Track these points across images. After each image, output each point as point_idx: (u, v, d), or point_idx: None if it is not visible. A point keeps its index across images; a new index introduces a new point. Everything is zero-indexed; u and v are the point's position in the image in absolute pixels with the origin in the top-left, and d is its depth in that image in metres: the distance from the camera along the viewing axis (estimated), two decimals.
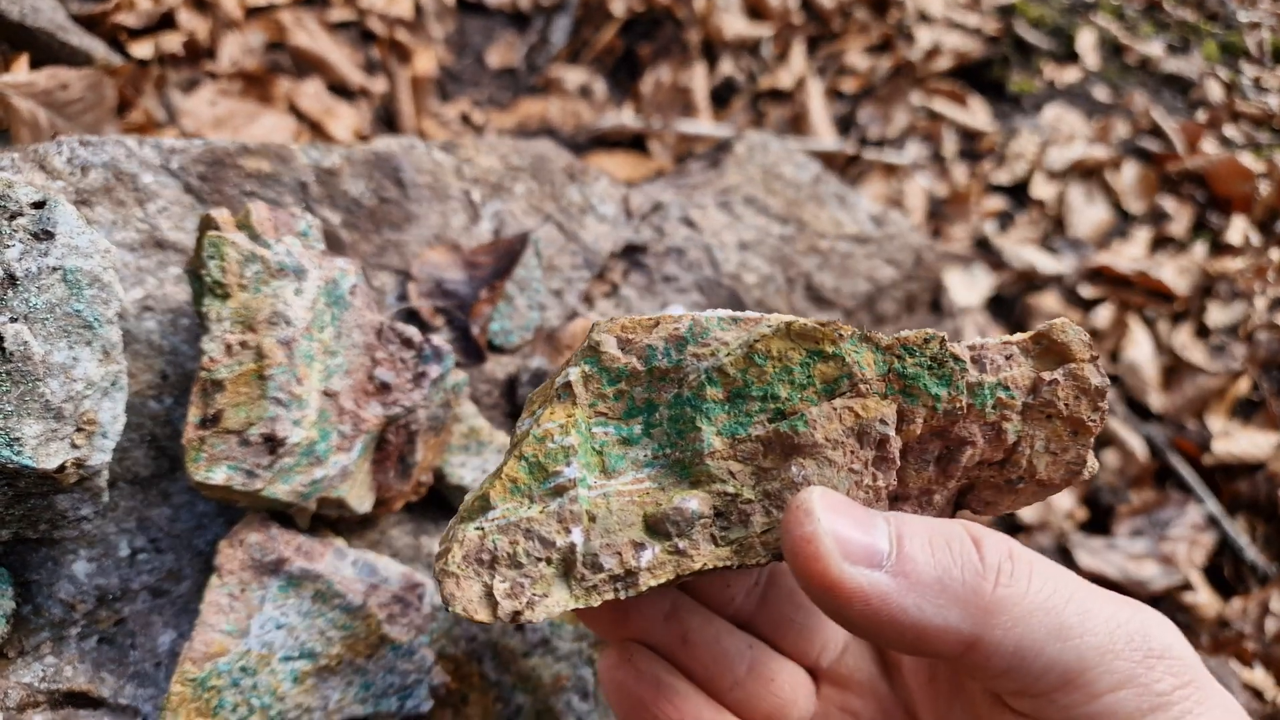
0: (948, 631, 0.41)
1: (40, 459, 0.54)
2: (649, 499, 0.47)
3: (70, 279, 0.57)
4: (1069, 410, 0.48)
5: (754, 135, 1.21)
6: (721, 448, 0.46)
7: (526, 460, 0.47)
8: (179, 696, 0.60)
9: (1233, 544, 1.27)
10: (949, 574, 0.41)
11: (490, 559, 0.45)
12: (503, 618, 0.44)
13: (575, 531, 0.45)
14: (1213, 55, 2.12)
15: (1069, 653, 0.40)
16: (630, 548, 0.46)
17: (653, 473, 0.48)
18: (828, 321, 0.45)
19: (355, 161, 0.84)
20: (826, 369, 0.45)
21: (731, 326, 0.46)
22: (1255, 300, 1.58)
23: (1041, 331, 0.47)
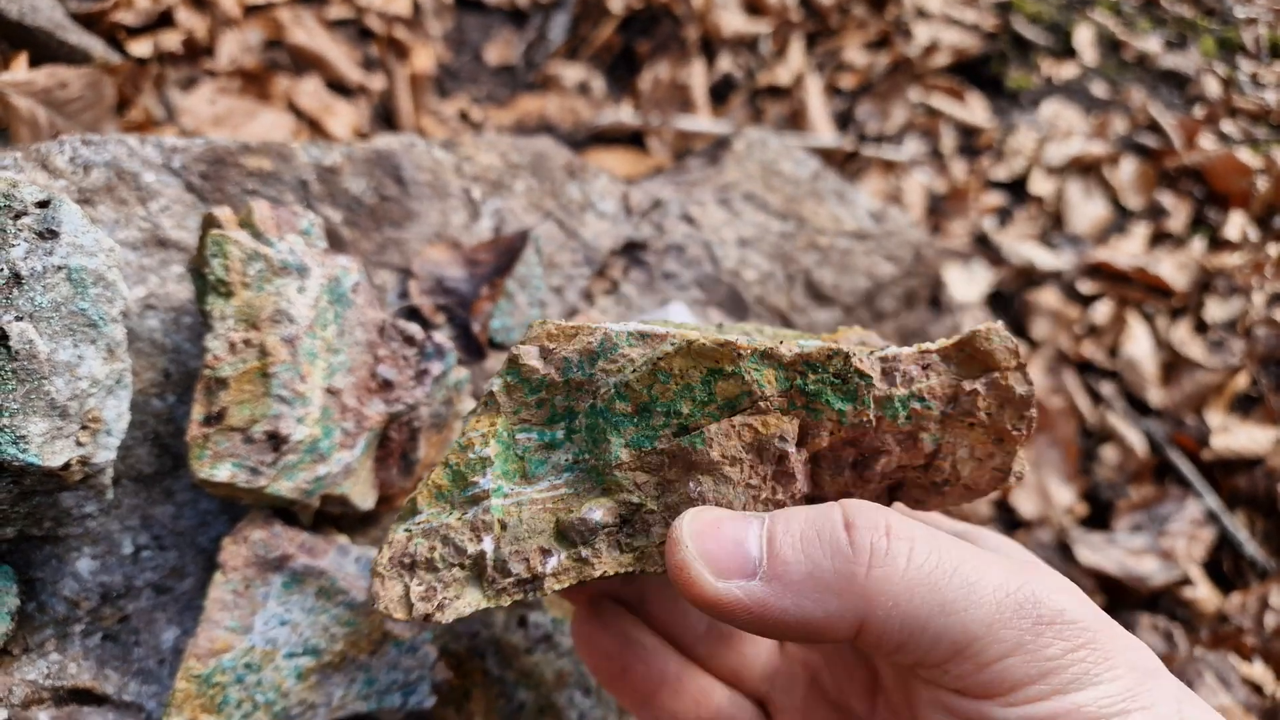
0: (831, 620, 0.42)
1: (46, 457, 0.54)
2: (561, 505, 0.49)
3: (75, 278, 0.57)
4: (991, 420, 0.47)
5: (753, 132, 1.21)
6: (628, 459, 0.47)
7: (450, 468, 0.50)
8: (184, 693, 0.60)
9: (1232, 539, 1.27)
10: (819, 567, 0.42)
11: (411, 562, 0.49)
12: (416, 618, 0.48)
13: (486, 540, 0.48)
14: (1210, 51, 2.13)
15: (954, 626, 0.41)
16: (538, 554, 0.48)
17: (570, 478, 0.50)
18: (726, 341, 0.45)
19: (356, 159, 0.84)
20: (727, 386, 0.45)
21: (639, 343, 0.47)
22: (1253, 295, 1.58)
23: (965, 339, 0.47)
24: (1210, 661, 1.09)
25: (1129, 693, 0.40)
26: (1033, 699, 0.40)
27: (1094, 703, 0.39)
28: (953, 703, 0.42)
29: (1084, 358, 1.53)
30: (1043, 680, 0.40)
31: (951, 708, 0.43)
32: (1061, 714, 0.39)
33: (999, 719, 0.40)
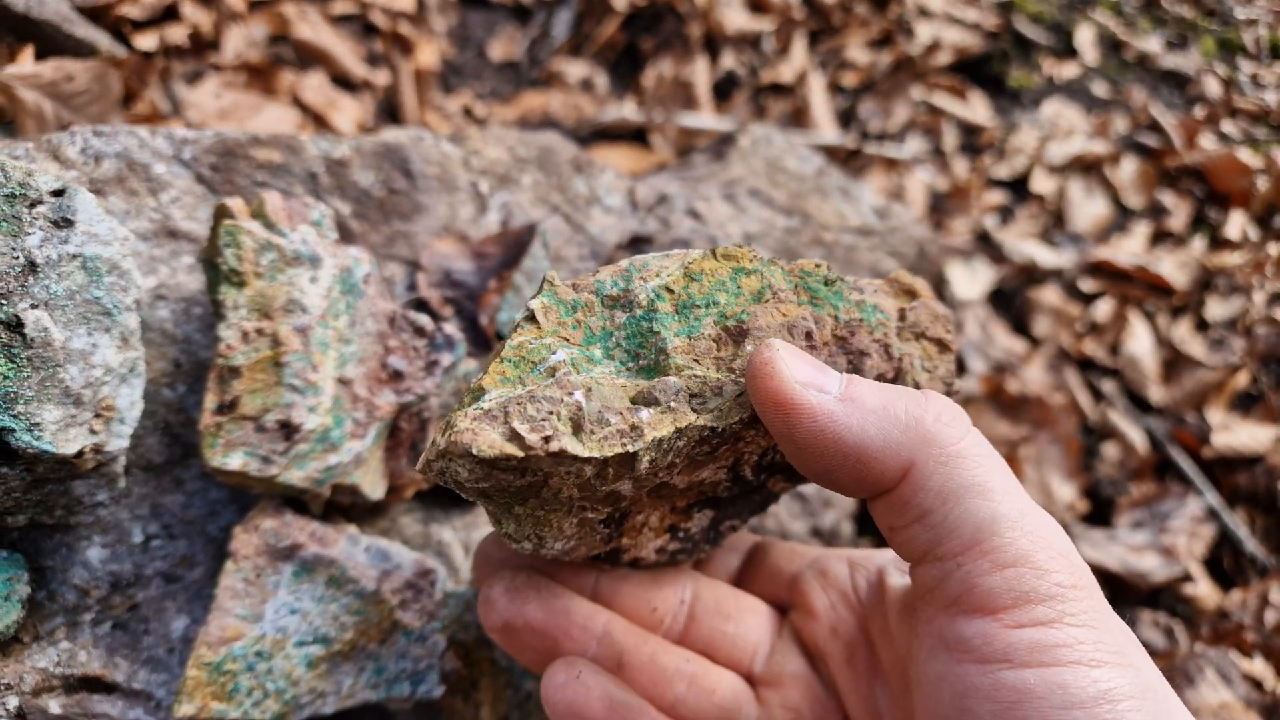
0: (887, 451, 0.44)
1: (60, 444, 0.54)
2: (629, 388, 0.49)
3: (90, 266, 0.57)
4: (930, 331, 0.56)
5: (757, 128, 1.21)
6: (682, 344, 0.50)
7: (510, 361, 0.47)
8: (194, 680, 0.61)
9: (1232, 536, 1.28)
10: (893, 404, 0.45)
11: (503, 415, 0.45)
12: (535, 446, 0.44)
13: (577, 394, 0.46)
14: (1210, 51, 2.13)
15: (984, 510, 0.42)
16: (628, 409, 0.47)
17: (625, 379, 0.50)
18: (744, 246, 0.52)
19: (364, 152, 0.85)
20: (750, 281, 0.51)
21: (664, 258, 0.52)
22: (1254, 294, 1.59)
23: (893, 277, 0.58)
24: (1211, 658, 1.09)
25: (1120, 647, 0.40)
26: (1039, 621, 0.40)
27: (1092, 642, 0.39)
28: (956, 630, 0.42)
29: (1085, 355, 1.53)
30: (1048, 603, 0.40)
31: (954, 640, 0.42)
32: (1064, 644, 0.39)
33: (1001, 643, 0.40)
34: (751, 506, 0.63)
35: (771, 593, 0.64)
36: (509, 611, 0.57)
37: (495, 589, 0.57)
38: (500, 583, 0.58)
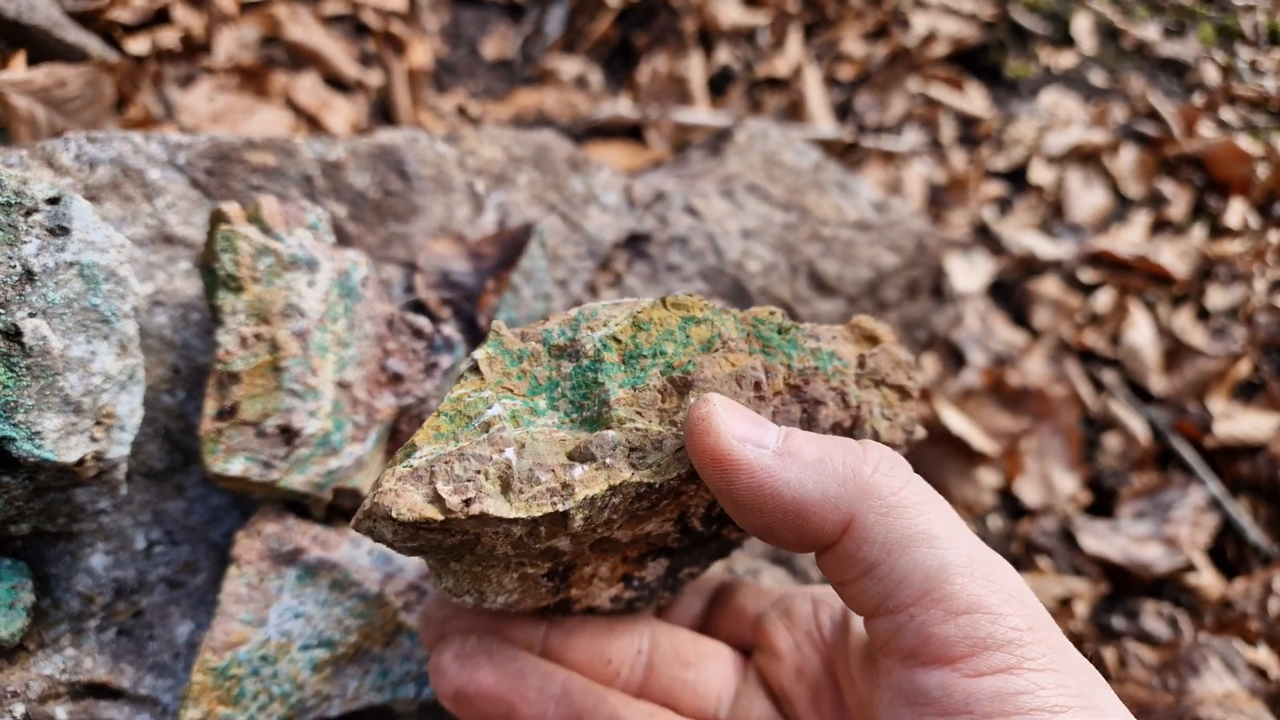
0: (826, 505, 0.43)
1: (60, 452, 0.54)
2: (568, 441, 0.48)
3: (87, 274, 0.57)
4: (890, 378, 0.55)
5: (754, 123, 1.21)
6: (625, 395, 0.49)
7: (446, 415, 0.47)
8: (200, 685, 0.61)
9: (1235, 525, 1.28)
10: (830, 456, 0.44)
11: (429, 475, 0.44)
12: (455, 509, 0.43)
13: (508, 451, 0.45)
14: (1209, 39, 2.13)
15: (931, 558, 0.41)
16: (561, 467, 0.46)
17: (565, 432, 0.49)
18: (692, 294, 0.52)
19: (359, 154, 0.84)
20: (699, 331, 0.50)
21: (613, 307, 0.51)
22: (1255, 283, 1.58)
23: (853, 323, 0.56)
24: (1215, 647, 1.09)
25: (1083, 689, 0.39)
26: (998, 668, 0.39)
27: (1054, 686, 0.38)
28: (915, 682, 0.41)
29: (1086, 346, 1.53)
30: (1005, 649, 0.39)
31: (913, 693, 0.41)
32: (1025, 690, 0.38)
33: (962, 693, 0.39)
34: (710, 553, 0.61)
35: (736, 635, 0.62)
36: (460, 679, 0.55)
37: (445, 655, 0.55)
38: (450, 649, 0.56)
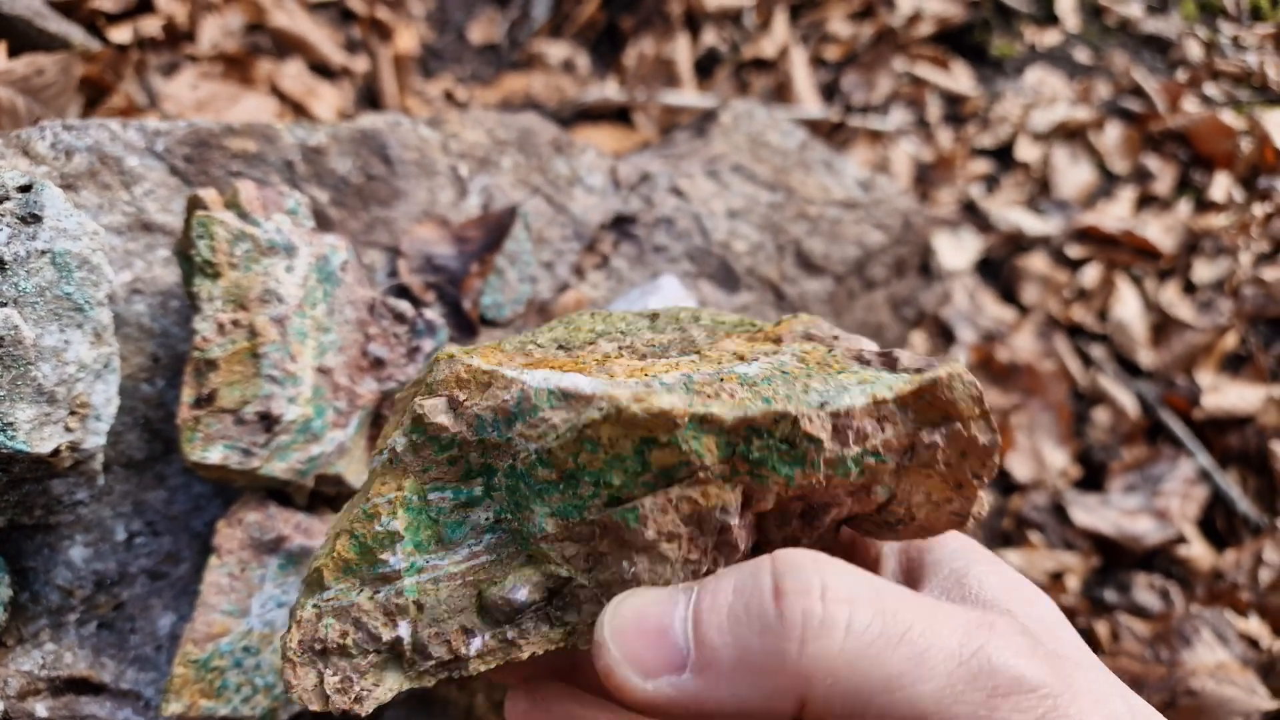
0: (771, 703, 0.38)
1: (34, 443, 0.53)
2: (484, 575, 0.45)
3: (59, 262, 0.56)
4: (950, 470, 0.44)
5: (740, 104, 1.20)
6: (554, 530, 0.43)
7: (356, 539, 0.45)
8: (181, 678, 0.60)
9: (1225, 497, 1.28)
10: (749, 649, 0.38)
11: (322, 649, 0.44)
12: (334, 710, 0.44)
13: (402, 625, 0.44)
14: (1191, 15, 2.12)
15: (901, 704, 0.36)
16: (459, 635, 0.44)
17: (493, 540, 0.45)
18: (660, 411, 0.39)
19: (341, 139, 0.84)
20: (662, 455, 0.40)
21: (561, 405, 0.42)
22: (1240, 255, 1.58)
23: (925, 386, 0.42)
24: (1207, 618, 1.09)
25: None
26: None
27: None
28: None
29: (1074, 321, 1.53)
30: None
31: None
32: None
33: None
34: None
35: None
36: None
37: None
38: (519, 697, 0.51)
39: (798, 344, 0.47)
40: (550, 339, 0.50)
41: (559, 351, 0.48)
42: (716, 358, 0.46)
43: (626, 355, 0.48)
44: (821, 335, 0.48)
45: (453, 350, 0.46)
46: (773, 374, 0.43)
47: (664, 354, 0.47)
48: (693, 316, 0.53)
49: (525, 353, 0.47)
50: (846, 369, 0.44)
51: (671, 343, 0.49)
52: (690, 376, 0.42)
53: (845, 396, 0.42)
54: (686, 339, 0.50)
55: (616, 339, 0.50)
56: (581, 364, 0.45)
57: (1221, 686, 1.03)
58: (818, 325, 0.49)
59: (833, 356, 0.46)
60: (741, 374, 0.43)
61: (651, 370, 0.44)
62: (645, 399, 0.39)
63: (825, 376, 0.43)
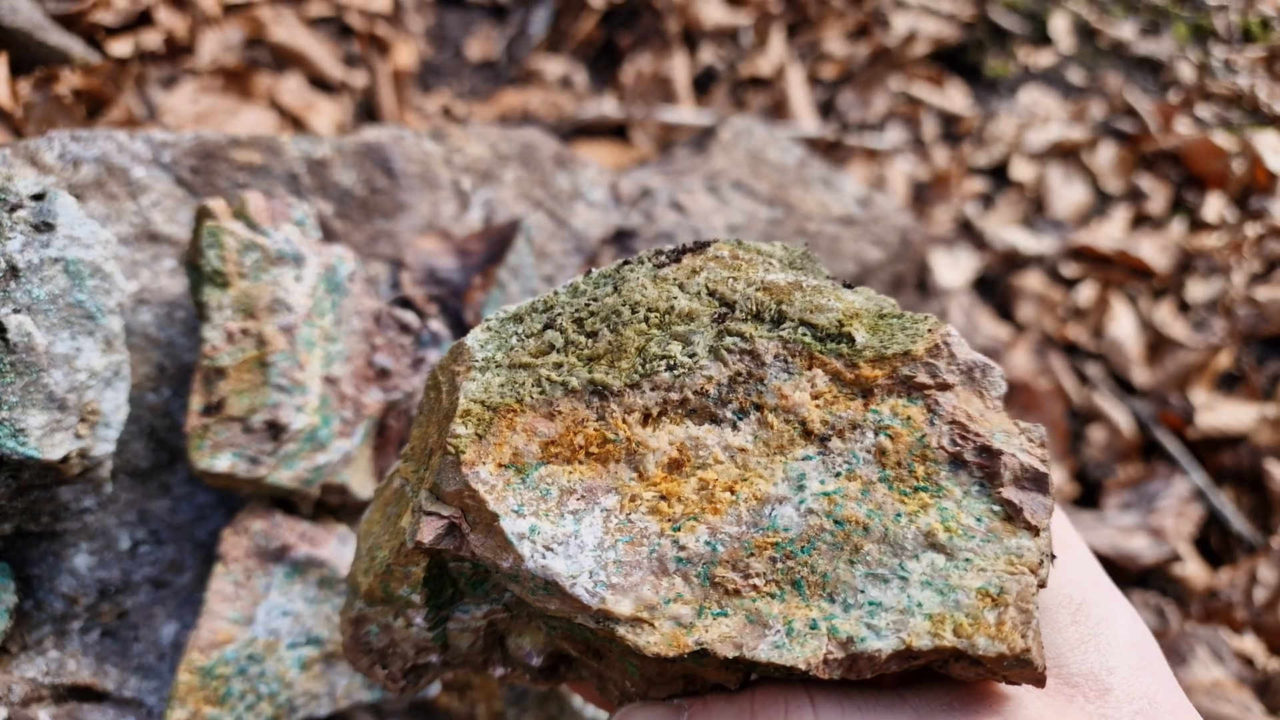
0: None
1: (45, 450, 0.54)
2: (504, 625, 0.47)
3: (72, 270, 0.56)
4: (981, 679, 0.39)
5: (739, 120, 1.21)
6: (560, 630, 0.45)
7: (386, 587, 0.45)
8: (186, 685, 0.60)
9: (1220, 515, 1.28)
10: None
11: (368, 649, 0.48)
12: (395, 693, 0.49)
13: (433, 656, 0.48)
14: (1183, 37, 2.14)
15: None
16: (484, 665, 0.48)
17: (511, 599, 0.46)
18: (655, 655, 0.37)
19: (345, 152, 0.84)
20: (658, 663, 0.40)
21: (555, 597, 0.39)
22: (1233, 275, 1.60)
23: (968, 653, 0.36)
24: (1202, 636, 1.10)
25: None
26: None
27: None
28: None
29: (1069, 340, 1.54)
30: None
31: None
32: None
33: None
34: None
35: None
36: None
37: None
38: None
39: (890, 403, 0.41)
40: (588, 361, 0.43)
41: (592, 401, 0.42)
42: (777, 434, 0.41)
43: (671, 413, 0.42)
44: (928, 385, 0.41)
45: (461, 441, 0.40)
46: (821, 530, 0.38)
47: (720, 409, 0.42)
48: (776, 315, 0.43)
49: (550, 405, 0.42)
50: (928, 486, 0.39)
51: (734, 382, 0.42)
52: (715, 550, 0.39)
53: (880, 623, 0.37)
54: (754, 376, 0.42)
55: (666, 377, 0.42)
56: (609, 445, 0.41)
57: (1217, 704, 1.03)
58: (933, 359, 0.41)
59: (923, 449, 0.39)
60: (783, 531, 0.39)
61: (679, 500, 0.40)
62: (644, 624, 0.37)
63: (886, 527, 0.38)
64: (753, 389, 0.41)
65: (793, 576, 0.38)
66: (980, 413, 0.40)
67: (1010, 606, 0.36)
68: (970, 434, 0.39)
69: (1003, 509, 0.38)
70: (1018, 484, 0.39)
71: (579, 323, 0.44)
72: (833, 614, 0.37)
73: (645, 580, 0.38)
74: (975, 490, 0.39)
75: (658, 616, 0.37)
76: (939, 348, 0.41)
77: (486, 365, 0.43)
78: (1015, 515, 0.38)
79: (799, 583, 0.37)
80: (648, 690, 0.43)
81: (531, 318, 0.45)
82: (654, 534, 0.39)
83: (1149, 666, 0.42)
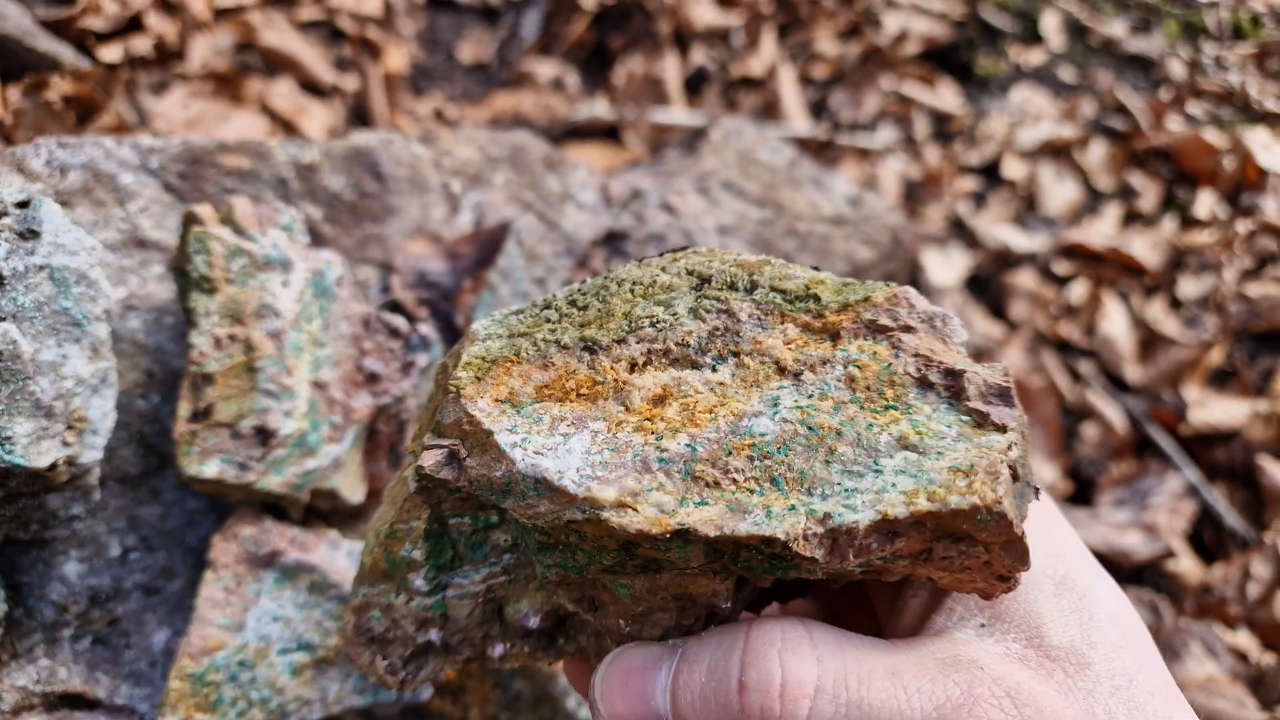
0: None
1: (32, 458, 0.54)
2: (503, 591, 0.49)
3: (57, 277, 0.56)
4: (970, 572, 0.40)
5: (729, 121, 1.21)
6: (556, 578, 0.44)
7: (388, 555, 0.50)
8: (177, 692, 0.60)
9: (1213, 511, 1.29)
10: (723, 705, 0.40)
11: (372, 636, 0.51)
12: (394, 687, 0.51)
13: (433, 632, 0.50)
14: (1174, 34, 2.14)
15: None
16: (484, 642, 0.50)
17: (511, 561, 0.48)
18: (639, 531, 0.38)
19: (334, 156, 0.84)
20: (647, 554, 0.40)
21: (545, 496, 0.40)
22: (1224, 272, 1.60)
23: (950, 514, 0.37)
24: (1196, 632, 1.10)
25: None
26: None
27: None
28: None
29: (1061, 337, 1.54)
30: None
31: None
32: None
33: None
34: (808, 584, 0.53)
35: None
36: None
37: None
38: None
39: (856, 344, 0.43)
40: (580, 326, 0.46)
41: (583, 355, 0.44)
42: (753, 372, 0.43)
43: (655, 362, 0.44)
44: (891, 326, 0.43)
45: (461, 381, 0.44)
46: (795, 434, 0.40)
47: (700, 357, 0.44)
48: (748, 285, 0.46)
49: (544, 359, 0.44)
50: (898, 405, 0.41)
51: (712, 336, 0.44)
52: (695, 450, 0.40)
53: (856, 502, 0.38)
54: (730, 330, 0.45)
55: (650, 332, 0.45)
56: (598, 385, 0.43)
57: (1211, 700, 1.04)
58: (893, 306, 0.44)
59: (890, 375, 0.41)
60: (759, 435, 0.40)
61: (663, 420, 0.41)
62: (627, 508, 0.38)
63: (859, 434, 0.40)
64: (730, 340, 0.44)
65: (771, 474, 0.39)
66: (943, 350, 0.42)
67: (980, 473, 0.37)
68: (935, 362, 0.41)
69: (971, 418, 0.40)
70: (984, 398, 0.40)
71: (572, 302, 0.47)
72: (811, 502, 0.38)
73: (629, 475, 0.40)
74: (944, 407, 0.41)
75: (641, 502, 0.39)
76: (898, 298, 0.44)
77: (489, 337, 0.46)
78: (984, 421, 0.40)
79: (777, 479, 0.39)
80: (641, 628, 0.44)
81: (531, 308, 0.48)
82: (638, 444, 0.41)
83: (1131, 644, 0.42)
